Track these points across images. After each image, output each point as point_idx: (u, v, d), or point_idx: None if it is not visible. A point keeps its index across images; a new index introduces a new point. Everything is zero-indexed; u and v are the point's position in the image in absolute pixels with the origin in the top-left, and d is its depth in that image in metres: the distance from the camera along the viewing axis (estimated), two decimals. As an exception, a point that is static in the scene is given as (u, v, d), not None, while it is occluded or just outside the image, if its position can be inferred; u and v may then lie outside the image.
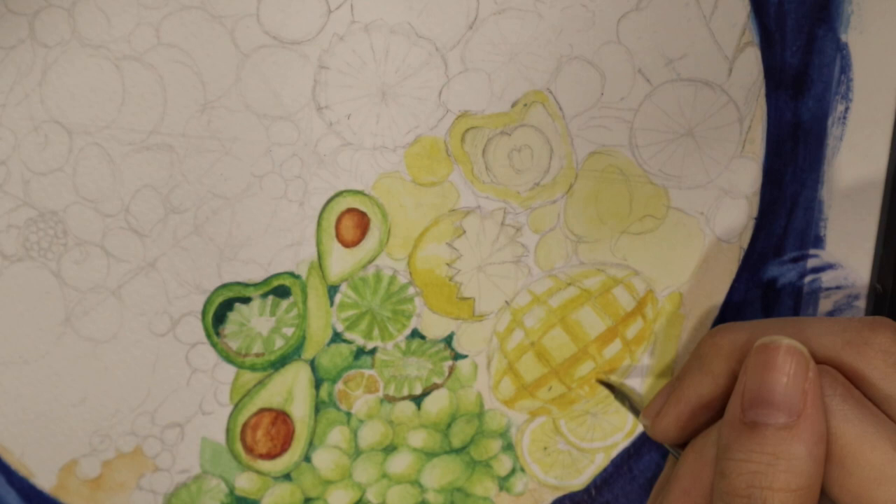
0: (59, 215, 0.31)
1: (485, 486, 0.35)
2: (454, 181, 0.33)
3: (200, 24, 0.31)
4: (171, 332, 0.32)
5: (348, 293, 0.33)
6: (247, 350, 0.33)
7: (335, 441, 0.34)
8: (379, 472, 0.34)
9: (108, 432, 0.33)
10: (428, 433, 0.34)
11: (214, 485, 0.33)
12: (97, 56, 0.30)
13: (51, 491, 0.33)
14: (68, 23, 0.30)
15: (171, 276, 0.32)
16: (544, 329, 0.34)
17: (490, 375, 0.34)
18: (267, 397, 0.33)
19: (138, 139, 0.31)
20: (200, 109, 0.31)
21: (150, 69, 0.31)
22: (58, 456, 0.33)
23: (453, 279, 0.33)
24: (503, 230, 0.33)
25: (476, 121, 0.32)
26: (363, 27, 0.31)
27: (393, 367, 0.34)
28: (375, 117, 0.32)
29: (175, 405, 0.33)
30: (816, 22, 0.33)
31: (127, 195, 0.31)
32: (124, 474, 0.33)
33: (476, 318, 0.34)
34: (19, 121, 0.31)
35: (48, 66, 0.30)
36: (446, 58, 0.32)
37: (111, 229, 0.31)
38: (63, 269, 0.32)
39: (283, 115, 0.31)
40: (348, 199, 0.32)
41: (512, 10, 0.32)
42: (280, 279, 0.32)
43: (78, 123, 0.31)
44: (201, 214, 0.32)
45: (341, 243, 0.33)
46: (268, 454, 0.34)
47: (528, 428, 0.35)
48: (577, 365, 0.34)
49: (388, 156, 0.32)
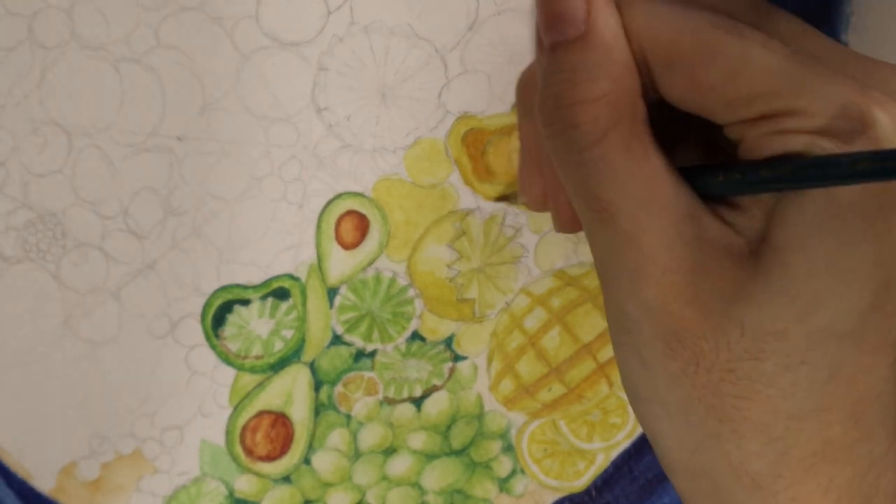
0: (58, 217, 0.31)
1: (485, 487, 0.35)
2: (454, 183, 0.33)
3: (199, 25, 0.30)
4: (171, 335, 0.32)
5: (348, 295, 0.33)
6: (246, 352, 0.33)
7: (335, 443, 0.34)
8: (379, 475, 0.34)
9: (107, 434, 0.33)
10: (428, 435, 0.34)
11: (214, 487, 0.33)
12: (96, 58, 0.30)
13: (49, 493, 0.33)
14: (67, 24, 0.30)
15: (171, 279, 0.32)
16: (544, 330, 0.34)
17: (490, 377, 0.34)
18: (266, 399, 0.33)
19: (137, 141, 0.31)
20: (199, 111, 0.31)
21: (149, 71, 0.31)
22: (57, 458, 0.33)
23: (453, 281, 0.33)
24: (503, 231, 0.33)
25: (476, 122, 0.32)
26: (363, 28, 0.31)
27: (393, 370, 0.34)
28: (375, 119, 0.32)
29: (174, 407, 0.33)
30: (816, 22, 0.33)
31: (126, 197, 0.31)
32: (123, 476, 0.33)
33: (476, 320, 0.34)
34: (18, 122, 0.30)
35: (47, 68, 0.30)
36: (446, 59, 0.32)
37: (110, 231, 0.31)
38: (62, 271, 0.32)
39: (283, 116, 0.31)
40: (348, 201, 0.32)
41: (512, 11, 0.32)
42: (279, 281, 0.32)
43: (77, 125, 0.31)
44: (200, 216, 0.32)
45: (341, 245, 0.33)
46: (267, 456, 0.34)
47: (527, 429, 0.35)
48: (577, 365, 0.34)
49: (387, 158, 0.32)
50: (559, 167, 0.25)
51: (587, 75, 0.24)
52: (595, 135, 0.24)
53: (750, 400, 0.24)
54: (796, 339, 0.23)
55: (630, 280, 0.24)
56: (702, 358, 0.24)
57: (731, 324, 0.24)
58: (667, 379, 0.24)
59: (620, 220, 0.24)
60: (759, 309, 0.23)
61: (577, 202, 0.25)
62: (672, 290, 0.24)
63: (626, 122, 0.24)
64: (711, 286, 0.24)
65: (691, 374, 0.24)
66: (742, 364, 0.24)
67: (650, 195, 0.24)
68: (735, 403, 0.24)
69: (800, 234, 0.23)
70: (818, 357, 0.23)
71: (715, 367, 0.24)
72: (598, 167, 0.24)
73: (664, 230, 0.24)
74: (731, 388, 0.24)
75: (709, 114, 0.24)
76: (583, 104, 0.24)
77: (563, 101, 0.24)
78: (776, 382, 0.23)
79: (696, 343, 0.24)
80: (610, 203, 0.24)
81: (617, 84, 0.24)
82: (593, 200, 0.24)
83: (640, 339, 0.25)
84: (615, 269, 0.25)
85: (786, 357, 0.23)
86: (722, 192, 0.24)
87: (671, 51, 0.24)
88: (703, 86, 0.23)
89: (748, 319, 0.23)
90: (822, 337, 0.23)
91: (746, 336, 0.23)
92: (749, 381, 0.24)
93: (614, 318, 0.25)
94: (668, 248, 0.24)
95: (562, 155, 0.25)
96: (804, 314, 0.23)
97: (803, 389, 0.24)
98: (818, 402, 0.24)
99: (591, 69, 0.24)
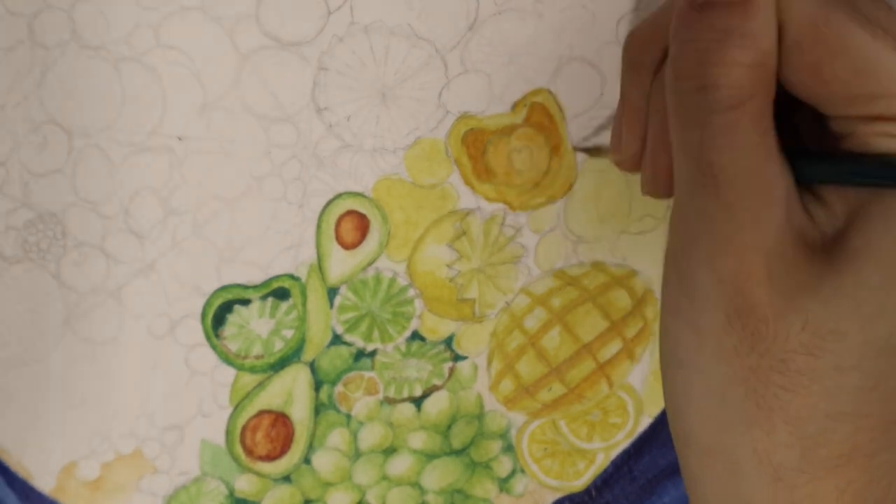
0: (58, 217, 0.31)
1: (485, 487, 0.35)
2: (454, 182, 0.33)
3: (200, 25, 0.30)
4: (171, 334, 0.32)
5: (348, 295, 0.33)
6: (246, 352, 0.33)
7: (335, 443, 0.34)
8: (379, 474, 0.34)
9: (107, 434, 0.33)
10: (428, 435, 0.34)
11: (214, 487, 0.33)
12: (96, 57, 0.30)
13: (50, 493, 0.33)
14: (67, 24, 0.30)
15: (171, 278, 0.32)
16: (544, 329, 0.34)
17: (490, 377, 0.34)
18: (266, 399, 0.33)
19: (137, 140, 0.31)
20: (199, 111, 0.31)
21: (150, 70, 0.31)
22: (57, 458, 0.33)
23: (453, 281, 0.33)
24: (503, 231, 0.33)
25: (476, 122, 0.32)
26: (363, 28, 0.31)
27: (393, 369, 0.34)
28: (375, 119, 0.32)
29: (174, 407, 0.33)
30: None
31: (126, 197, 0.31)
32: (124, 476, 0.33)
33: (476, 320, 0.34)
34: (18, 122, 0.30)
35: (47, 68, 0.30)
36: (446, 59, 0.32)
37: (110, 231, 0.31)
38: (62, 271, 0.32)
39: (283, 116, 0.31)
40: (348, 201, 0.32)
41: (512, 10, 0.32)
42: (279, 281, 0.32)
43: (77, 125, 0.31)
44: (200, 216, 0.32)
45: (341, 245, 0.33)
46: (267, 456, 0.34)
47: (528, 429, 0.35)
48: (577, 365, 0.34)
49: (387, 157, 0.32)
50: (678, 124, 0.25)
51: (741, 41, 0.23)
52: (734, 100, 0.24)
53: (794, 393, 0.24)
54: (854, 343, 0.23)
55: (711, 249, 0.24)
56: (758, 341, 0.24)
57: (795, 314, 0.24)
58: (717, 351, 0.24)
59: (725, 190, 0.24)
60: (825, 307, 0.23)
61: (686, 162, 0.25)
62: (750, 267, 0.24)
63: (762, 94, 0.24)
64: (786, 273, 0.24)
65: (743, 354, 0.24)
66: (796, 356, 0.24)
67: (761, 173, 0.24)
68: (778, 393, 0.24)
69: (879, 243, 0.23)
70: (870, 365, 0.23)
71: (769, 353, 0.24)
72: (723, 132, 0.24)
73: (762, 209, 0.24)
74: (778, 378, 0.24)
75: (823, 103, 0.24)
76: (730, 66, 0.23)
77: (708, 59, 0.24)
78: (824, 381, 0.24)
79: (758, 325, 0.24)
80: (722, 170, 0.24)
81: (765, 57, 0.24)
82: (706, 164, 0.24)
83: (703, 308, 0.25)
84: (700, 235, 0.24)
85: (840, 359, 0.23)
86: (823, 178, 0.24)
87: (805, 34, 0.24)
88: (826, 76, 0.23)
89: (812, 314, 0.23)
90: (878, 347, 0.23)
91: (807, 330, 0.23)
92: (798, 374, 0.24)
93: (676, 284, 0.25)
94: (760, 227, 0.24)
95: (689, 112, 0.24)
96: (866, 322, 0.23)
97: (847, 393, 0.24)
98: (858, 408, 0.24)
99: (746, 35, 0.23)
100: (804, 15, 0.24)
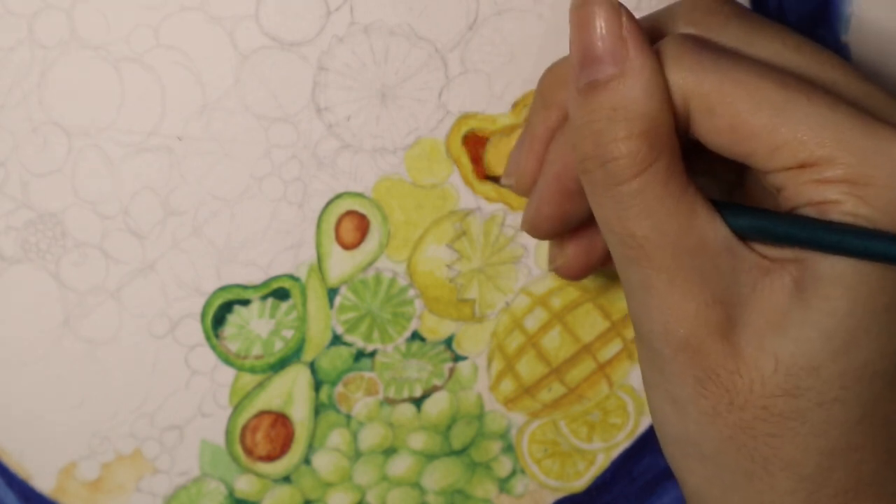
0: (58, 217, 0.31)
1: (485, 487, 0.35)
2: (454, 183, 0.33)
3: (199, 25, 0.30)
4: (171, 334, 0.32)
5: (348, 296, 0.33)
6: (246, 352, 0.33)
7: (335, 443, 0.34)
8: (379, 475, 0.34)
9: (107, 434, 0.33)
10: (428, 435, 0.34)
11: (214, 487, 0.33)
12: (96, 57, 0.30)
13: (50, 493, 0.33)
14: (67, 24, 0.30)
15: (171, 278, 0.32)
16: (544, 330, 0.34)
17: (490, 377, 0.34)
18: (266, 399, 0.33)
19: (137, 141, 0.31)
20: (199, 111, 0.31)
21: (149, 70, 0.31)
22: (57, 458, 0.33)
23: (453, 281, 0.33)
24: (503, 231, 0.33)
25: (476, 122, 0.32)
26: (363, 28, 0.31)
27: (393, 370, 0.34)
28: (375, 119, 0.32)
29: (174, 407, 0.33)
30: (816, 22, 0.33)
31: (126, 197, 0.31)
32: (123, 476, 0.33)
33: (476, 320, 0.34)
34: (18, 122, 0.30)
35: (47, 68, 0.30)
36: (446, 59, 0.32)
37: (110, 231, 0.31)
38: (62, 271, 0.32)
39: (283, 116, 0.31)
40: (348, 201, 0.32)
41: (512, 10, 0.32)
42: (279, 281, 0.32)
43: (76, 125, 0.31)
44: (200, 216, 0.32)
45: (341, 246, 0.33)
46: (267, 456, 0.34)
47: (528, 429, 0.35)
48: (577, 365, 0.34)
49: (387, 158, 0.32)
50: (595, 204, 0.25)
51: (626, 112, 0.24)
52: (635, 168, 0.24)
53: (782, 437, 0.24)
54: (829, 376, 0.23)
55: (662, 319, 0.24)
56: (735, 395, 0.24)
57: (764, 357, 0.23)
58: (699, 418, 0.24)
59: (656, 257, 0.24)
60: (795, 343, 0.23)
61: (612, 238, 0.25)
62: (707, 326, 0.24)
63: (664, 158, 0.24)
64: (747, 319, 0.24)
65: (724, 413, 0.24)
66: (775, 400, 0.23)
67: (687, 231, 0.24)
68: (768, 441, 0.24)
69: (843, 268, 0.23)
70: (851, 396, 0.23)
71: (748, 405, 0.24)
72: (635, 202, 0.24)
73: (702, 266, 0.24)
74: (764, 426, 0.24)
75: (751, 160, 0.24)
76: (623, 140, 0.24)
77: (602, 139, 0.24)
78: (809, 419, 0.23)
79: (730, 379, 0.24)
80: (646, 239, 0.24)
81: (656, 122, 0.24)
82: (629, 236, 0.24)
83: (673, 379, 0.25)
84: (648, 307, 0.24)
85: (819, 394, 0.23)
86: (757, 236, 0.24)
87: (714, 99, 0.24)
88: (744, 133, 0.23)
89: (782, 354, 0.23)
90: (857, 376, 0.23)
91: (780, 371, 0.23)
92: (782, 417, 0.23)
93: (646, 358, 0.25)
94: (706, 284, 0.24)
95: (599, 188, 0.25)
96: (839, 352, 0.23)
97: (836, 427, 0.23)
98: (850, 441, 0.24)
99: (630, 107, 0.24)
100: (710, 80, 0.24)
